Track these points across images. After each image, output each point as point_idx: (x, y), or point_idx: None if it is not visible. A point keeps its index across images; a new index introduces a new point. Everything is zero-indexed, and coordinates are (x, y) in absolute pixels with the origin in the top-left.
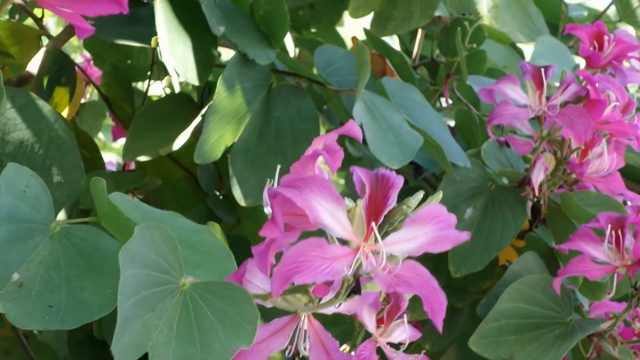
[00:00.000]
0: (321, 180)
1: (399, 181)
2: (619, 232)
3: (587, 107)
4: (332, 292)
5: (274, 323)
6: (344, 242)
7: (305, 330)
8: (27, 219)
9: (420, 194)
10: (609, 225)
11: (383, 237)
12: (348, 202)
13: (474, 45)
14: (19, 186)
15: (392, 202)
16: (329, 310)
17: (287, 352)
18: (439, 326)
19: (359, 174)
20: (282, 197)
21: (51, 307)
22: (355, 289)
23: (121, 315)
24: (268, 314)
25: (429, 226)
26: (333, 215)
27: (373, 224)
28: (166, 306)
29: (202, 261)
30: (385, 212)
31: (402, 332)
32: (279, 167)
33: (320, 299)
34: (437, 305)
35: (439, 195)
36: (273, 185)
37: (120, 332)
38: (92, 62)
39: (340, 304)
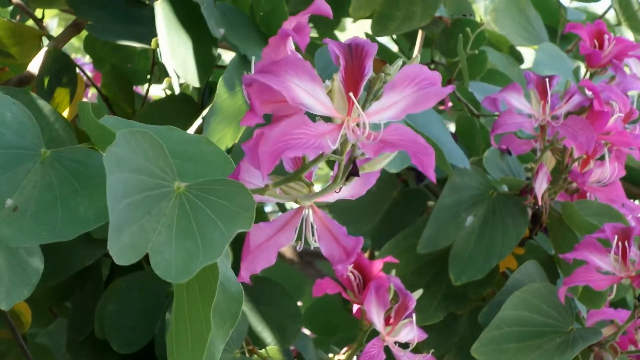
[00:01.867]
0: (295, 60)
1: (373, 48)
2: (625, 243)
3: (591, 118)
4: (331, 179)
5: (279, 218)
6: (327, 120)
7: (311, 222)
8: (13, 145)
9: (399, 62)
10: (616, 236)
11: (365, 108)
12: (327, 82)
13: (476, 52)
14: (1, 114)
15: (369, 72)
16: (332, 197)
17: (297, 246)
18: (431, 176)
19: (332, 46)
20: (258, 84)
21: (47, 224)
22: (353, 171)
23: (113, 217)
24: None
25: (409, 88)
26: (311, 93)
27: (351, 94)
28: (163, 209)
29: (203, 170)
30: (364, 83)
31: (410, 331)
32: (253, 58)
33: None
34: (425, 157)
35: (417, 57)
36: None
37: (116, 235)
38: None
39: (340, 189)
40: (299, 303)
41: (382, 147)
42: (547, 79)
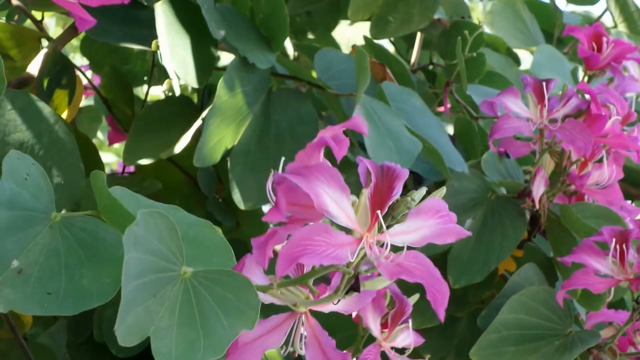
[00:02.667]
0: (327, 168)
1: (405, 173)
2: (623, 246)
3: (588, 122)
4: (331, 290)
5: (271, 320)
6: (347, 231)
7: (302, 329)
8: (28, 207)
9: (423, 190)
10: (614, 239)
11: (387, 228)
12: (352, 197)
13: (474, 54)
14: (20, 173)
15: (397, 193)
16: (327, 308)
17: (282, 351)
18: (441, 315)
19: (366, 164)
20: (286, 184)
21: (50, 293)
22: (354, 286)
23: (124, 297)
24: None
25: (432, 219)
26: (338, 203)
27: (378, 212)
28: (168, 293)
29: (201, 255)
30: (390, 203)
31: (407, 336)
32: (283, 158)
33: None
34: (439, 294)
35: (443, 190)
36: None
37: (124, 315)
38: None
39: (338, 301)
40: None
41: (399, 272)
42: (544, 83)
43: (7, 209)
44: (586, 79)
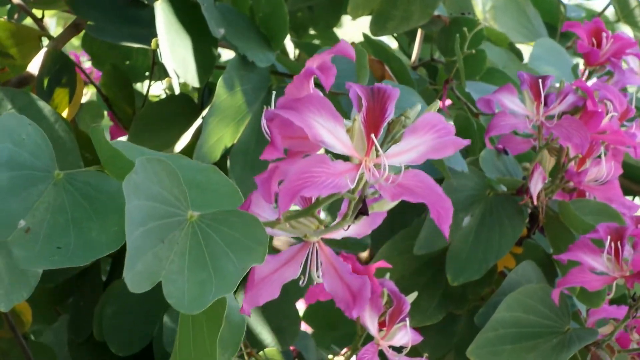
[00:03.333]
0: (318, 98)
1: (395, 93)
2: (618, 243)
3: (585, 119)
4: (340, 217)
5: (285, 252)
6: (345, 159)
7: (317, 257)
8: (28, 166)
9: (418, 106)
10: (609, 237)
11: (384, 150)
12: (346, 122)
13: (473, 51)
14: (18, 134)
15: (390, 114)
16: (339, 234)
17: (300, 281)
18: (446, 232)
19: (355, 89)
20: (279, 119)
21: (60, 248)
22: (362, 210)
23: (130, 244)
24: None
25: (429, 134)
26: (332, 132)
27: (373, 136)
28: (176, 238)
29: (210, 199)
30: (384, 125)
31: (404, 335)
32: (274, 92)
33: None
34: (443, 211)
35: (436, 104)
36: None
37: (132, 262)
38: (90, 63)
39: (349, 227)
40: (301, 300)
41: (401, 192)
42: (540, 80)
43: (7, 169)
44: (587, 74)
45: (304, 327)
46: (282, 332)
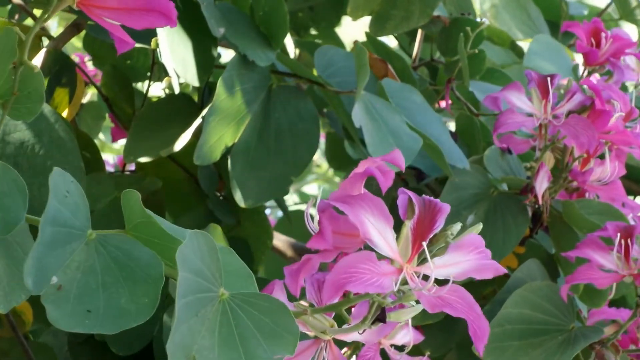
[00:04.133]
0: (372, 198)
1: (446, 208)
2: (628, 241)
3: (592, 117)
4: (356, 319)
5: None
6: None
7: (324, 357)
8: (68, 224)
9: (458, 225)
10: (619, 234)
11: (426, 261)
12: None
13: (476, 51)
14: (62, 191)
15: (439, 227)
16: (351, 337)
17: None
18: (481, 351)
19: (409, 196)
20: (329, 212)
21: (90, 311)
22: (380, 317)
23: (176, 315)
24: None
25: (472, 254)
26: (382, 233)
27: (424, 243)
28: (207, 313)
29: (226, 280)
30: (431, 236)
31: (406, 334)
32: (321, 187)
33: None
34: (480, 330)
35: (479, 226)
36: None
37: (173, 332)
38: (91, 62)
39: (364, 331)
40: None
41: (442, 305)
42: (548, 78)
43: (51, 225)
44: (586, 73)
45: None
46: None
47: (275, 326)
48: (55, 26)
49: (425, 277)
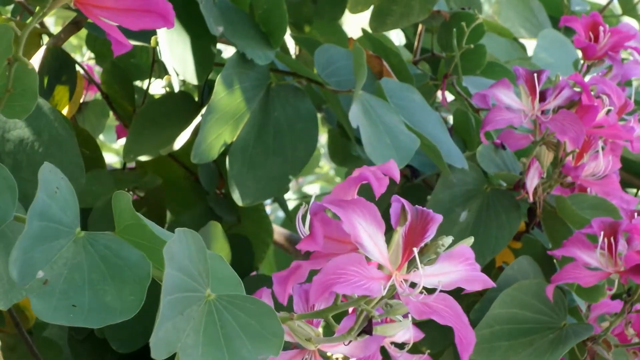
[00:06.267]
0: (365, 203)
1: (438, 219)
2: (612, 238)
3: (580, 113)
4: (342, 331)
5: (281, 356)
6: (378, 267)
7: None
8: (56, 220)
9: (450, 238)
10: (602, 232)
11: (416, 269)
12: None
13: (471, 46)
14: (52, 186)
15: (430, 236)
16: (336, 350)
17: None
18: (465, 359)
19: (402, 204)
20: (321, 216)
21: (75, 306)
22: (366, 329)
23: (160, 311)
24: None
25: (462, 265)
26: (373, 238)
27: (415, 250)
28: (193, 312)
29: (216, 286)
30: (423, 244)
31: (406, 331)
32: (315, 193)
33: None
34: (466, 340)
35: (471, 240)
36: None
37: (157, 328)
38: (94, 60)
39: (349, 342)
40: None
41: (429, 312)
42: (535, 74)
43: (39, 219)
44: (585, 67)
45: None
46: None
47: (261, 328)
48: (52, 25)
49: (414, 285)
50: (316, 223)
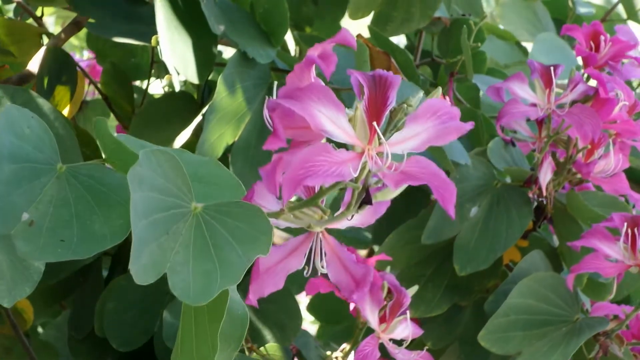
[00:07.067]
0: (319, 87)
1: (397, 80)
2: (635, 231)
3: (596, 107)
4: (344, 206)
5: (289, 243)
6: (348, 148)
7: (321, 248)
8: (31, 159)
9: (420, 93)
10: (625, 224)
11: (387, 138)
12: (348, 111)
13: (479, 44)
14: (20, 126)
15: (392, 102)
16: (343, 224)
17: (305, 271)
18: (452, 212)
19: (357, 76)
20: (281, 109)
21: (63, 241)
22: (366, 199)
23: (135, 236)
24: None
25: (431, 121)
26: (334, 121)
27: (375, 124)
28: (180, 229)
29: (212, 192)
30: (386, 113)
31: (405, 328)
32: (275, 82)
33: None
34: (447, 193)
35: (439, 91)
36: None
37: (137, 254)
38: (95, 60)
39: (352, 216)
40: (304, 293)
41: (404, 179)
42: (552, 68)
43: (10, 162)
44: (585, 77)
45: (305, 320)
46: (283, 328)
47: (250, 229)
48: (52, 25)
49: (394, 157)
50: (276, 119)
